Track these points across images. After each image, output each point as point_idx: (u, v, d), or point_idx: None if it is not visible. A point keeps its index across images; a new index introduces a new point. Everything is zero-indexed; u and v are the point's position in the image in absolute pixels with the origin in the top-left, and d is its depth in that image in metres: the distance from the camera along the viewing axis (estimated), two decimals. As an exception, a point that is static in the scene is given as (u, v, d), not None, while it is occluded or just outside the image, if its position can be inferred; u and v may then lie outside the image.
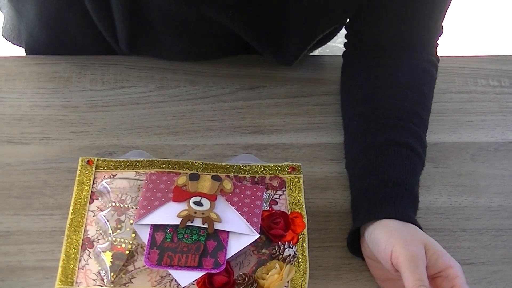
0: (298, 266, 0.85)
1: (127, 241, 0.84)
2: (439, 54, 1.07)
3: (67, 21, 1.08)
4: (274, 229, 0.87)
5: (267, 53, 1.06)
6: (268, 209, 0.89)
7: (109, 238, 0.84)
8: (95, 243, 0.85)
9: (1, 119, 1.02)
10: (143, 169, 0.92)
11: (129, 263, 0.82)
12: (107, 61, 1.11)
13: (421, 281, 0.74)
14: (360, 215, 0.88)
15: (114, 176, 0.91)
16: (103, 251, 0.83)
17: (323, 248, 0.91)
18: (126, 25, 1.02)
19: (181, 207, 0.85)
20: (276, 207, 0.90)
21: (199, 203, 0.85)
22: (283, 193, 0.92)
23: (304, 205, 0.91)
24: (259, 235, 0.84)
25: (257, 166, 0.94)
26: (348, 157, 0.99)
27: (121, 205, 0.87)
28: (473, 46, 2.23)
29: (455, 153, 1.04)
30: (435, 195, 0.98)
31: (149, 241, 0.82)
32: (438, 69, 1.06)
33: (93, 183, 0.91)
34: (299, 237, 0.87)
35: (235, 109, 1.07)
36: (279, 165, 0.95)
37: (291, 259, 0.84)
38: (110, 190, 0.89)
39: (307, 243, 0.87)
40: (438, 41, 1.06)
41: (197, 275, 0.80)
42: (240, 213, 0.85)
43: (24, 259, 0.88)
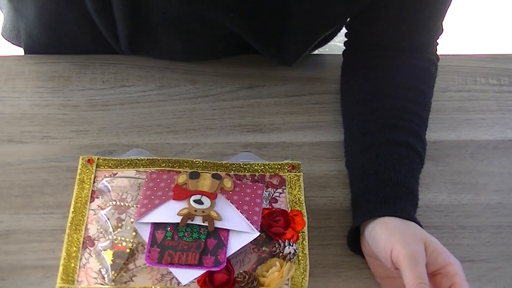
0: (298, 264, 0.84)
1: (127, 240, 0.83)
2: (438, 53, 1.06)
3: (67, 22, 1.08)
4: (274, 227, 0.86)
5: (268, 54, 1.06)
6: (268, 207, 0.89)
7: (110, 236, 0.84)
8: (96, 242, 0.84)
9: (1, 118, 1.02)
10: (143, 167, 0.91)
11: (130, 262, 0.82)
12: (107, 60, 1.11)
13: (421, 279, 0.74)
14: (360, 213, 0.88)
15: (114, 174, 0.91)
16: (104, 250, 0.83)
17: (323, 246, 0.91)
18: (126, 25, 1.02)
19: (181, 206, 0.84)
20: (276, 205, 0.89)
21: (199, 202, 0.85)
22: (283, 191, 0.91)
23: (304, 203, 0.90)
24: (259, 233, 0.84)
25: (257, 164, 0.94)
26: (348, 156, 0.99)
27: (122, 203, 0.87)
28: (472, 44, 2.24)
29: (454, 151, 1.04)
30: (434, 192, 0.98)
31: (149, 239, 0.82)
32: (437, 68, 1.05)
33: (94, 182, 0.90)
34: (299, 235, 0.87)
35: (235, 108, 1.06)
36: (279, 163, 0.94)
37: (291, 257, 0.84)
38: (110, 188, 0.89)
39: (307, 241, 0.87)
40: (438, 40, 1.05)
41: (197, 273, 0.80)
42: (240, 211, 0.85)
43: (24, 258, 0.87)
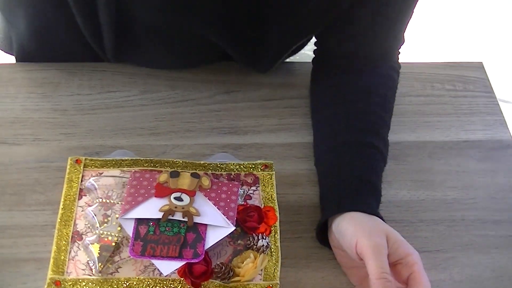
0: (271, 255, 0.85)
1: (113, 234, 0.84)
2: (400, 61, 1.07)
3: (56, 32, 1.08)
4: (248, 222, 0.87)
5: (245, 62, 1.07)
6: (243, 203, 0.90)
7: (97, 231, 0.85)
8: (83, 236, 0.85)
9: (-5, 122, 1.02)
10: (127, 167, 0.92)
11: (115, 254, 0.83)
12: (94, 67, 1.11)
13: (383, 269, 0.76)
14: (327, 209, 0.89)
15: (100, 174, 0.91)
16: (91, 243, 0.83)
17: (294, 239, 0.92)
18: (112, 37, 1.02)
19: (162, 202, 0.85)
20: (250, 202, 0.91)
21: (179, 199, 0.85)
22: (256, 188, 0.92)
23: (276, 200, 0.91)
24: (235, 228, 0.84)
25: (233, 164, 0.95)
26: (317, 156, 1.00)
27: (108, 200, 0.88)
28: (430, 53, 2.24)
29: (414, 151, 1.05)
30: (396, 189, 0.99)
31: (133, 233, 0.82)
32: (399, 74, 1.07)
33: (81, 181, 0.91)
34: (272, 229, 0.88)
35: (213, 111, 1.07)
36: (253, 163, 0.95)
37: (265, 249, 0.85)
38: (97, 187, 0.89)
39: (279, 234, 0.88)
40: (399, 50, 1.07)
41: (178, 264, 0.80)
42: (217, 208, 0.86)
43: (18, 251, 0.88)
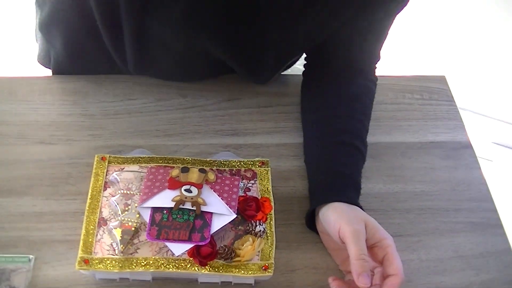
0: (267, 239, 0.84)
1: (133, 220, 0.83)
2: (377, 74, 1.07)
3: (86, 50, 1.07)
4: (248, 211, 0.86)
5: (246, 76, 1.05)
6: (243, 195, 0.89)
7: (119, 218, 0.84)
8: (108, 222, 0.84)
9: (35, 124, 1.01)
10: (145, 163, 0.91)
11: (135, 237, 0.82)
12: (117, 79, 1.10)
13: (361, 251, 0.76)
14: (315, 199, 0.89)
15: (122, 169, 0.90)
16: (114, 228, 0.82)
17: (287, 225, 0.91)
18: (133, 53, 1.01)
19: (174, 194, 0.84)
20: (249, 193, 0.89)
21: (189, 190, 0.84)
22: (255, 182, 0.91)
23: (271, 192, 0.90)
24: (236, 215, 0.84)
25: (234, 161, 0.93)
26: (306, 154, 0.99)
27: (128, 192, 0.86)
28: (401, 67, 2.25)
29: (388, 151, 1.04)
30: (373, 183, 0.98)
31: (149, 220, 0.82)
32: (376, 86, 1.06)
33: (106, 175, 0.89)
34: (268, 216, 0.87)
35: (217, 116, 1.06)
36: (251, 160, 0.94)
37: (261, 234, 0.84)
38: (119, 180, 0.88)
39: (274, 221, 0.86)
40: (376, 65, 1.06)
41: (187, 246, 0.80)
42: (221, 198, 0.85)
43: (53, 234, 0.87)
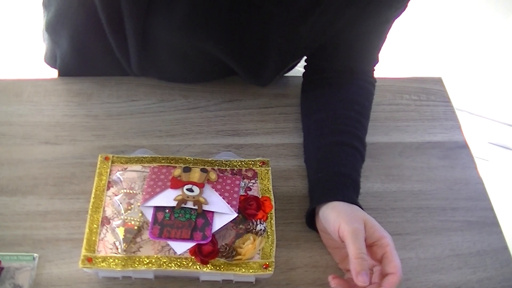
0: (267, 238, 0.84)
1: (135, 219, 0.82)
2: (375, 76, 1.07)
3: (92, 50, 1.07)
4: (248, 210, 0.85)
5: (248, 78, 1.05)
6: (244, 194, 0.88)
7: (122, 216, 0.83)
8: (111, 221, 0.83)
9: (40, 125, 1.01)
10: (147, 163, 0.90)
11: (137, 236, 0.81)
12: (121, 80, 1.10)
13: (360, 250, 0.75)
14: (315, 198, 0.88)
15: (125, 169, 0.90)
16: (117, 227, 0.82)
17: (287, 224, 0.91)
18: (137, 54, 1.01)
19: (176, 193, 0.83)
20: (250, 193, 0.89)
21: (190, 190, 0.84)
22: (255, 182, 0.90)
23: (272, 191, 0.89)
24: (237, 214, 0.83)
25: (236, 161, 0.93)
26: (306, 154, 0.98)
27: (131, 191, 0.86)
28: (400, 69, 2.25)
29: (386, 151, 1.03)
30: (371, 182, 0.98)
31: (152, 219, 0.81)
32: (375, 88, 1.06)
33: (109, 174, 0.89)
34: (268, 215, 0.86)
35: (218, 117, 1.05)
36: (252, 160, 0.93)
37: (262, 233, 0.83)
38: (122, 179, 0.88)
39: (274, 220, 0.86)
40: (375, 68, 1.06)
41: (189, 245, 0.79)
42: (222, 197, 0.84)
43: (57, 232, 0.87)
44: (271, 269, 0.80)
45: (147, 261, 0.79)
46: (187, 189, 0.84)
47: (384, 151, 1.03)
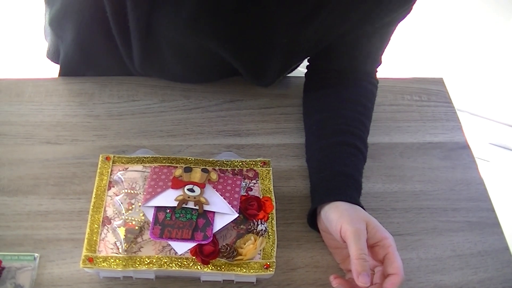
0: (268, 238, 0.83)
1: (136, 219, 0.82)
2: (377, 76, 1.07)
3: (96, 45, 1.06)
4: (249, 210, 0.85)
5: (251, 78, 1.04)
6: (245, 194, 0.88)
7: (123, 216, 0.83)
8: (112, 221, 0.83)
9: (41, 125, 1.01)
10: (148, 163, 0.90)
11: (138, 236, 0.81)
12: (122, 80, 1.09)
13: (362, 251, 0.75)
14: (317, 198, 0.88)
15: (126, 169, 0.89)
16: (118, 227, 0.82)
17: (287, 224, 0.91)
18: (140, 50, 1.00)
19: (177, 193, 0.83)
20: (251, 193, 0.88)
21: (191, 190, 0.84)
22: (256, 182, 0.90)
23: (273, 191, 0.89)
24: (238, 214, 0.83)
25: (237, 161, 0.93)
26: (308, 154, 0.98)
27: (132, 191, 0.86)
28: (401, 69, 2.25)
29: (387, 151, 1.03)
30: (373, 183, 0.98)
31: (153, 219, 0.81)
32: (377, 89, 1.05)
33: (111, 174, 0.89)
34: (269, 215, 0.86)
35: (220, 117, 1.05)
36: (253, 160, 0.93)
37: (263, 233, 0.83)
38: (123, 179, 0.87)
39: (275, 220, 0.86)
40: (378, 69, 1.06)
41: (190, 245, 0.79)
42: (223, 198, 0.84)
43: (59, 232, 0.87)
44: (272, 269, 0.80)
45: (148, 261, 0.79)
46: (188, 189, 0.84)
47: (385, 152, 1.03)
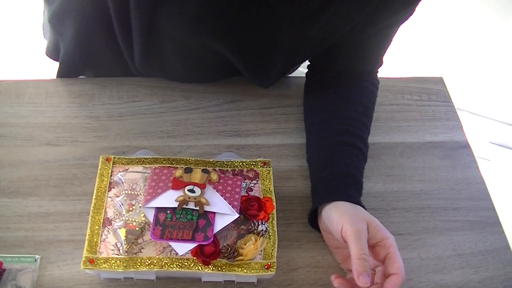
0: (269, 238, 0.83)
1: (137, 220, 0.82)
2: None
3: (97, 42, 1.06)
4: (250, 210, 0.85)
5: (252, 79, 1.04)
6: (245, 194, 0.88)
7: (123, 218, 0.83)
8: (112, 222, 0.83)
9: (41, 126, 1.01)
10: (149, 164, 0.90)
11: (139, 237, 0.81)
12: (122, 81, 1.09)
13: (362, 251, 0.75)
14: (318, 198, 0.88)
15: (126, 170, 0.89)
16: (119, 228, 0.82)
17: (288, 224, 0.91)
18: (141, 48, 0.99)
19: (178, 194, 0.83)
20: (251, 193, 0.88)
21: (192, 191, 0.84)
22: (257, 182, 0.90)
23: (273, 192, 0.89)
24: (239, 215, 0.83)
25: (237, 161, 0.93)
26: (309, 154, 0.98)
27: (132, 192, 0.86)
28: (400, 69, 2.25)
29: (387, 151, 1.03)
30: (373, 182, 0.98)
31: (154, 220, 0.81)
32: (378, 89, 1.06)
33: (111, 175, 0.89)
34: (270, 216, 0.86)
35: (220, 117, 1.05)
36: (253, 160, 0.93)
37: (264, 233, 0.83)
38: (123, 180, 0.87)
39: (275, 220, 0.86)
40: (379, 69, 1.06)
41: (191, 246, 0.79)
42: (223, 198, 0.84)
43: (59, 234, 0.87)
44: (273, 269, 0.80)
45: (149, 262, 0.79)
46: (189, 190, 0.84)
47: (385, 151, 1.03)
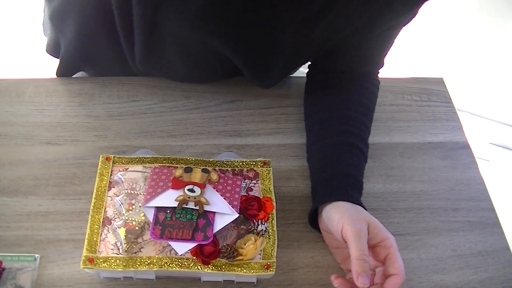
0: (268, 238, 0.83)
1: (137, 220, 0.82)
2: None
3: (98, 40, 1.05)
4: (250, 210, 0.85)
5: (253, 79, 1.04)
6: (245, 194, 0.88)
7: (123, 217, 0.83)
8: (112, 221, 0.83)
9: (41, 125, 1.01)
10: (149, 164, 0.90)
11: (139, 237, 0.81)
12: (122, 81, 1.09)
13: (362, 251, 0.75)
14: (318, 198, 0.88)
15: (126, 169, 0.89)
16: (119, 227, 0.82)
17: (288, 224, 0.91)
18: (143, 47, 0.99)
19: (178, 193, 0.83)
20: (251, 193, 0.88)
21: (192, 190, 0.84)
22: (257, 182, 0.90)
23: (273, 191, 0.89)
24: (238, 215, 0.83)
25: (237, 161, 0.93)
26: (309, 154, 0.98)
27: (132, 191, 0.86)
28: (401, 69, 2.25)
29: (388, 151, 1.03)
30: (373, 182, 0.98)
31: (153, 219, 0.81)
32: (379, 89, 1.06)
33: (111, 175, 0.89)
34: (269, 216, 0.86)
35: (220, 117, 1.05)
36: (253, 160, 0.93)
37: (263, 233, 0.83)
38: (123, 180, 0.87)
39: (275, 220, 0.86)
40: (380, 70, 1.06)
41: (190, 245, 0.79)
42: (223, 198, 0.84)
43: (59, 233, 0.87)
44: (272, 269, 0.80)
45: (149, 261, 0.79)
46: (189, 190, 0.84)
47: (385, 152, 1.03)
